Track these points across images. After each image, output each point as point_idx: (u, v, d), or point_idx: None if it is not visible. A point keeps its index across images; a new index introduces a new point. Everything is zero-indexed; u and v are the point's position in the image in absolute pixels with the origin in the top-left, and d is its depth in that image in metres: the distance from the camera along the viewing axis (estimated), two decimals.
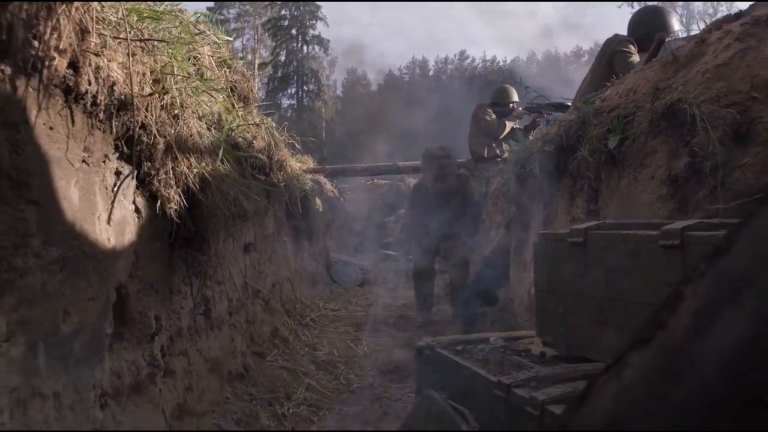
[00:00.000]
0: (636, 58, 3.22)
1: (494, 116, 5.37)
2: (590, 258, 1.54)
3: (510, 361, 1.65)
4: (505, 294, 3.79)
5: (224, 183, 1.99)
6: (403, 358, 3.29)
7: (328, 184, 6.98)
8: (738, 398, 0.48)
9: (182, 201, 1.73)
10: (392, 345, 3.77)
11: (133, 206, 1.60)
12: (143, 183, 1.63)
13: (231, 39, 3.28)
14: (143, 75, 1.53)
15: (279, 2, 32.20)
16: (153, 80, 1.61)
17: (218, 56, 2.60)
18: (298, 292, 4.63)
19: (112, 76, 1.34)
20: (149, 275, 1.70)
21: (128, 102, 1.43)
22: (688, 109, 1.72)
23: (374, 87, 38.37)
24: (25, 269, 1.06)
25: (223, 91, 2.51)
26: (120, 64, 1.39)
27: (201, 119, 1.96)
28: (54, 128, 1.17)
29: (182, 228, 1.80)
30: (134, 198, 1.60)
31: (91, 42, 1.23)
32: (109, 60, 1.34)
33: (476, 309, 3.96)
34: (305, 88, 32.74)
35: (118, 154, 1.50)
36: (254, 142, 2.72)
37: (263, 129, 2.96)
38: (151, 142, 1.58)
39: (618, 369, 0.61)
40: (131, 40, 1.43)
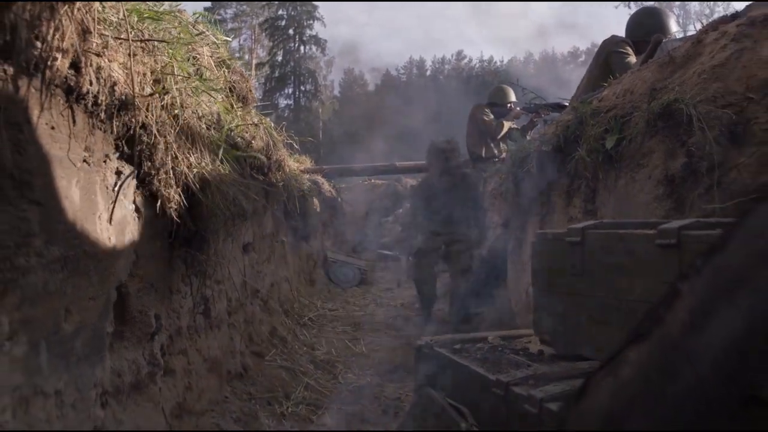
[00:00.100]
0: (633, 59, 3.24)
1: (492, 116, 5.36)
2: (588, 257, 1.55)
3: (508, 360, 1.66)
4: (502, 294, 3.80)
5: (224, 183, 1.99)
6: (401, 358, 3.30)
7: (326, 184, 6.98)
8: (734, 395, 0.49)
9: (182, 201, 1.73)
10: (390, 344, 3.78)
11: (134, 206, 1.60)
12: (143, 183, 1.64)
13: (230, 39, 3.28)
14: (144, 75, 1.54)
15: (276, 2, 32.14)
16: (153, 80, 1.62)
17: (217, 56, 2.60)
18: (296, 292, 4.64)
19: (113, 77, 1.35)
20: (149, 274, 1.71)
21: (129, 102, 1.44)
22: (685, 110, 1.74)
23: (371, 87, 38.39)
24: (27, 268, 1.07)
25: (222, 91, 2.52)
26: (121, 65, 1.40)
27: (201, 119, 1.97)
28: (56, 128, 1.17)
29: (182, 227, 1.81)
30: (134, 197, 1.61)
31: (93, 42, 1.24)
32: (110, 60, 1.34)
33: (474, 309, 3.97)
34: (302, 88, 32.66)
35: (119, 154, 1.50)
36: (253, 142, 2.72)
37: (262, 129, 2.97)
38: (152, 142, 1.58)
39: (615, 366, 0.62)
40: (132, 41, 1.43)
